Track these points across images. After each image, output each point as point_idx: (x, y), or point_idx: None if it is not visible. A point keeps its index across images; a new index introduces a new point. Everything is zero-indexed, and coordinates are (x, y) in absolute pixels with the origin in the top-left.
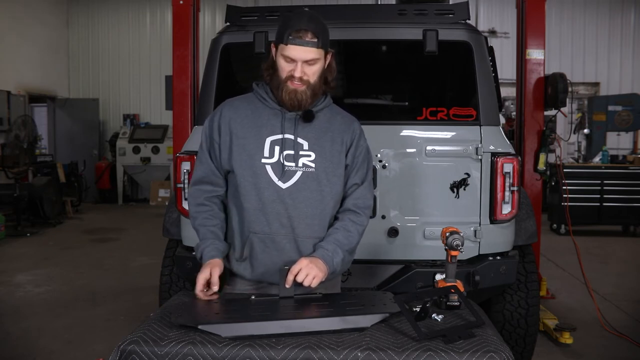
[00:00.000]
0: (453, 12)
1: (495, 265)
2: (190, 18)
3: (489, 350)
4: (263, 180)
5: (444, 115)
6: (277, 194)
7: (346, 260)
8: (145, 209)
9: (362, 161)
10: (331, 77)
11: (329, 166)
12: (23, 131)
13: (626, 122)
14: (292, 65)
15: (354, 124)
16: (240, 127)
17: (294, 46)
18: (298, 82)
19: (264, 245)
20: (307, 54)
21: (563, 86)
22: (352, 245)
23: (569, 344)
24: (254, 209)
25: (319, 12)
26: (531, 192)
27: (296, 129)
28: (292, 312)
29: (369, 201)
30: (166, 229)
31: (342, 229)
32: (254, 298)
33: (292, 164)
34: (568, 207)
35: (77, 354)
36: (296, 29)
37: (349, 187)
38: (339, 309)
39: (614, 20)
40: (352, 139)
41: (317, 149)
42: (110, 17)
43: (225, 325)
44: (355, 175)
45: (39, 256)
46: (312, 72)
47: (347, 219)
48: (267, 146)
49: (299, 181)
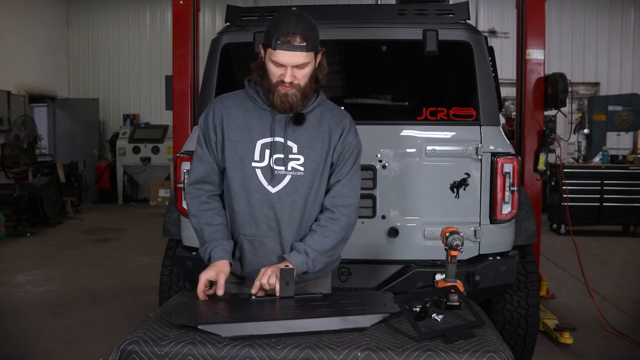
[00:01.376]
0: (453, 12)
1: (495, 265)
2: (190, 18)
3: (489, 350)
4: (253, 184)
5: (444, 115)
6: (266, 198)
7: (321, 261)
8: (145, 209)
9: (347, 158)
10: (322, 76)
11: (317, 169)
12: (23, 131)
13: (626, 122)
14: (282, 70)
15: (344, 120)
16: (231, 128)
17: (282, 51)
18: (289, 86)
19: (252, 247)
20: (297, 59)
21: (563, 86)
22: (327, 246)
23: (569, 344)
24: (244, 211)
25: (319, 12)
26: (531, 192)
27: (286, 131)
28: (292, 312)
29: (348, 199)
30: (166, 229)
31: (319, 230)
32: (254, 298)
33: (282, 168)
34: (568, 207)
35: (77, 354)
36: (284, 33)
37: (331, 184)
38: (339, 309)
39: (614, 20)
40: (340, 137)
41: (306, 151)
42: (110, 17)
43: (225, 325)
44: (339, 172)
45: (39, 256)
46: (303, 75)
47: (324, 219)
48: (257, 150)
49: (288, 185)
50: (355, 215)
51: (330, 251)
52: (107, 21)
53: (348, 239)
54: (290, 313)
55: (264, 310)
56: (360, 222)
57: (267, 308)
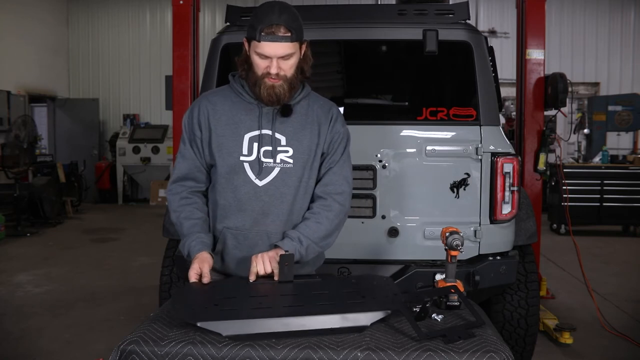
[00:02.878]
0: (453, 12)
1: (495, 265)
2: (190, 18)
3: (488, 350)
4: (240, 178)
5: (444, 115)
6: (254, 191)
7: (314, 249)
8: (145, 209)
9: (337, 146)
10: (307, 67)
11: (307, 160)
12: (23, 131)
13: (626, 122)
14: (267, 62)
15: (332, 110)
16: (218, 123)
17: (267, 43)
18: (275, 77)
19: (236, 241)
20: (282, 50)
21: (563, 86)
22: (321, 234)
23: (569, 344)
24: (230, 205)
25: (319, 12)
26: (531, 192)
27: (274, 124)
28: (292, 308)
29: (340, 187)
30: (166, 229)
31: (312, 217)
32: (252, 281)
33: (270, 160)
34: (568, 207)
35: (77, 354)
36: (268, 25)
37: (322, 173)
38: (339, 302)
39: (614, 20)
40: (329, 126)
41: (295, 143)
42: (110, 17)
43: (225, 322)
44: (329, 160)
45: (39, 256)
46: (289, 66)
47: (317, 207)
48: (245, 143)
49: (277, 177)
50: (349, 203)
51: (323, 239)
52: (107, 21)
53: (341, 227)
54: (291, 308)
55: (264, 302)
56: (360, 222)
57: (267, 300)
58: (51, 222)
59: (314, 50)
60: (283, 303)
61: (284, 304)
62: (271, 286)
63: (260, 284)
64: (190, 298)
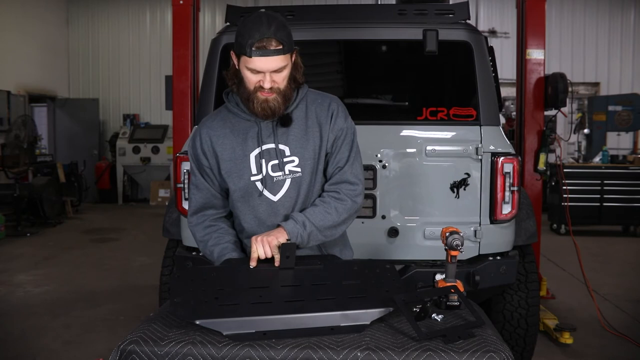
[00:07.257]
0: (453, 12)
1: (495, 265)
2: (190, 18)
3: (488, 350)
4: (255, 198)
5: (444, 115)
6: (271, 208)
7: (316, 237)
8: (145, 209)
9: (342, 143)
10: (299, 75)
11: (314, 165)
12: (23, 131)
13: (626, 122)
14: (260, 76)
15: (331, 105)
16: (223, 149)
17: (259, 58)
18: (269, 91)
19: None
20: (274, 64)
21: (563, 86)
22: (327, 223)
23: (569, 344)
24: (251, 226)
25: (319, 12)
26: (531, 192)
27: (275, 136)
28: (292, 304)
29: (352, 185)
30: (166, 229)
31: (321, 205)
32: (252, 267)
33: (280, 173)
34: (568, 207)
35: (77, 354)
36: (258, 39)
37: (332, 172)
38: (340, 298)
39: (614, 20)
40: (330, 124)
41: (299, 151)
42: (110, 17)
43: (225, 321)
44: (337, 158)
45: (39, 256)
46: (282, 78)
47: (328, 196)
48: (253, 163)
49: (290, 189)
50: (362, 201)
51: (329, 229)
52: (107, 21)
53: (349, 223)
54: (291, 305)
55: (264, 296)
56: (360, 222)
57: (267, 293)
58: (51, 222)
59: (314, 51)
60: (283, 297)
61: (284, 298)
62: (271, 274)
63: (260, 270)
64: (190, 289)
